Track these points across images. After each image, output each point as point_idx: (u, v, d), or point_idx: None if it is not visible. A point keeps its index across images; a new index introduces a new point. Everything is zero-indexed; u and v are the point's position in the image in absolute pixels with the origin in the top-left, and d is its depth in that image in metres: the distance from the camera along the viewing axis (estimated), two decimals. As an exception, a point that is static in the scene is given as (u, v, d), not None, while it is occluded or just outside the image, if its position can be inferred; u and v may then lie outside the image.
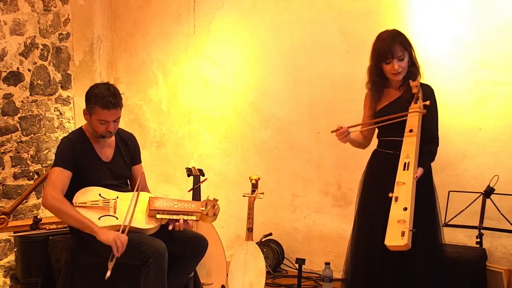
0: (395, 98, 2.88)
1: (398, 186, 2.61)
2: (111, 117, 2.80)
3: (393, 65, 2.77)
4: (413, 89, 2.76)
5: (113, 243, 2.57)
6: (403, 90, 2.85)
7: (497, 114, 3.62)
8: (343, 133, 2.84)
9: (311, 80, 4.15)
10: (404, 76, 2.82)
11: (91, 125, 2.85)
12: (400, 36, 2.80)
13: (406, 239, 2.42)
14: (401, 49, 2.77)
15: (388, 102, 2.89)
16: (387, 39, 2.79)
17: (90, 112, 2.82)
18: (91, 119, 2.83)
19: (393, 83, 2.89)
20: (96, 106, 2.77)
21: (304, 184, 4.25)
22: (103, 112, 2.77)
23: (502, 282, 3.28)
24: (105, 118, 2.79)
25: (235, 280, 3.45)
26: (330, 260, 3.87)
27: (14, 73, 3.82)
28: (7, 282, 3.73)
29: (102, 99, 2.77)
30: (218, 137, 4.51)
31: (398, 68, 2.77)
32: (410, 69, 2.82)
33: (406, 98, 2.81)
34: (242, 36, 4.34)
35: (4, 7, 3.73)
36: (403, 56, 2.78)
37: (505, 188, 3.44)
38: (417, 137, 2.70)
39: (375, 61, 2.85)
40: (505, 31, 3.56)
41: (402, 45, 2.77)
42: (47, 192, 2.69)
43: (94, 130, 2.86)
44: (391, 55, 2.76)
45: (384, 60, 2.79)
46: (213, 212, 2.84)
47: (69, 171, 2.76)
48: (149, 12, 4.63)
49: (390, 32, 2.82)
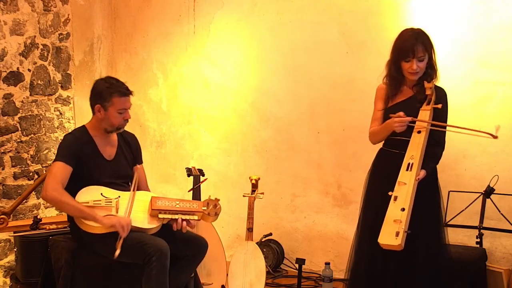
0: (408, 97, 2.87)
1: (399, 185, 2.61)
2: (129, 104, 2.88)
3: (412, 64, 2.76)
4: (426, 90, 2.76)
5: (117, 224, 2.62)
6: (416, 90, 2.84)
7: (497, 114, 3.62)
8: (404, 122, 2.73)
9: (311, 80, 4.15)
10: (420, 77, 2.82)
11: (107, 119, 2.85)
12: (423, 36, 2.78)
13: (400, 239, 2.43)
14: (423, 50, 2.75)
15: (400, 100, 2.88)
16: (410, 38, 2.76)
17: (107, 106, 2.83)
18: (108, 113, 2.84)
19: (408, 82, 2.88)
20: (114, 97, 2.82)
21: (304, 184, 4.25)
22: (122, 100, 2.83)
23: (502, 282, 3.29)
24: (125, 105, 2.85)
25: (235, 280, 3.45)
26: (330, 260, 3.87)
27: (14, 73, 3.82)
28: (7, 282, 3.73)
29: (117, 88, 2.83)
30: (218, 137, 4.51)
31: (416, 68, 2.76)
32: (427, 70, 2.81)
33: (419, 98, 2.81)
34: (242, 36, 4.34)
35: (4, 7, 3.73)
36: (423, 57, 2.76)
37: (505, 188, 3.44)
38: (424, 139, 2.69)
39: (395, 57, 2.83)
40: (505, 31, 3.56)
41: (424, 45, 2.75)
42: (48, 184, 2.70)
43: (110, 124, 2.86)
44: (412, 54, 2.74)
45: (404, 58, 2.77)
46: (215, 212, 2.85)
47: (70, 167, 2.77)
48: (149, 12, 4.63)
49: (414, 31, 2.80)
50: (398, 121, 2.71)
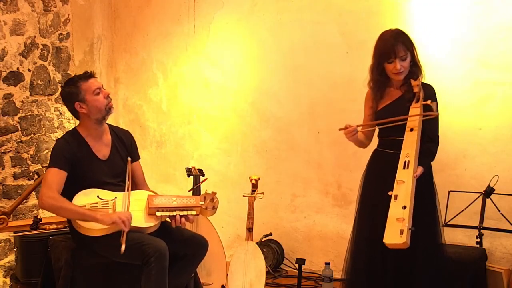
0: (396, 98, 2.89)
1: (398, 184, 2.62)
2: (98, 83, 2.90)
3: (395, 64, 2.77)
4: (414, 88, 2.77)
5: (118, 221, 2.61)
6: (404, 90, 2.86)
7: (497, 114, 3.62)
8: (352, 131, 2.84)
9: (311, 80, 4.15)
10: (405, 76, 2.82)
11: (92, 108, 2.85)
12: (403, 36, 2.80)
13: (404, 237, 2.43)
14: (404, 49, 2.77)
15: (389, 102, 2.90)
16: (390, 38, 2.79)
17: (82, 97, 2.84)
18: (88, 102, 2.84)
19: (394, 83, 2.89)
20: (81, 85, 2.84)
21: (304, 184, 4.25)
22: (89, 83, 2.86)
23: (502, 282, 3.28)
24: (95, 85, 2.86)
25: (235, 280, 3.45)
26: (330, 260, 3.87)
27: (14, 73, 3.82)
28: (7, 282, 3.73)
29: (78, 78, 2.88)
30: (218, 137, 4.51)
31: (400, 68, 2.78)
32: (412, 69, 2.82)
33: (407, 97, 2.82)
34: (242, 36, 4.34)
35: (4, 7, 3.73)
36: (406, 56, 2.78)
37: (505, 188, 3.44)
38: (418, 136, 2.70)
39: (377, 60, 2.85)
40: (505, 31, 3.56)
41: (404, 45, 2.77)
42: (43, 193, 2.69)
43: (98, 110, 2.86)
44: (394, 55, 2.76)
45: (386, 59, 2.79)
46: (212, 206, 2.84)
47: (65, 172, 2.76)
48: (149, 12, 4.63)
49: (393, 32, 2.82)
50: (345, 133, 2.84)
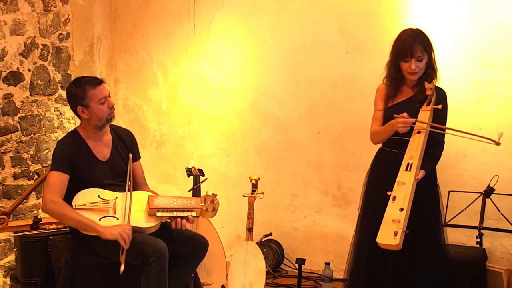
0: (408, 97, 2.88)
1: (398, 185, 2.61)
2: (106, 91, 2.86)
3: (410, 64, 2.77)
4: (427, 91, 2.77)
5: (119, 238, 2.59)
6: (417, 91, 2.85)
7: (497, 114, 3.62)
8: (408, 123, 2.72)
9: (311, 80, 4.15)
10: (420, 77, 2.82)
11: (93, 115, 2.83)
12: (422, 36, 2.79)
13: (398, 239, 2.43)
14: (421, 50, 2.76)
15: (400, 100, 2.89)
16: (408, 37, 2.78)
17: (86, 103, 2.82)
18: (91, 109, 2.82)
19: (407, 82, 2.88)
20: (89, 91, 2.80)
21: (304, 184, 4.25)
22: (97, 90, 2.82)
23: (502, 282, 3.29)
24: (102, 94, 2.83)
25: (235, 280, 3.45)
26: (330, 260, 3.87)
27: (14, 73, 3.82)
28: (7, 282, 3.73)
29: (87, 82, 2.83)
30: (218, 137, 4.51)
31: (415, 68, 2.77)
32: (427, 71, 2.81)
33: (419, 98, 2.81)
34: (242, 36, 4.34)
35: (4, 7, 3.73)
36: (422, 57, 2.77)
37: (505, 188, 3.44)
38: (424, 140, 2.70)
39: (394, 57, 2.84)
40: (505, 31, 3.56)
41: (422, 45, 2.76)
42: (46, 197, 2.69)
43: (99, 119, 2.84)
44: (410, 54, 2.75)
45: (402, 58, 2.78)
46: (213, 207, 2.84)
47: (67, 174, 2.76)
48: (149, 12, 4.63)
49: (413, 31, 2.81)
50: (401, 122, 2.71)
